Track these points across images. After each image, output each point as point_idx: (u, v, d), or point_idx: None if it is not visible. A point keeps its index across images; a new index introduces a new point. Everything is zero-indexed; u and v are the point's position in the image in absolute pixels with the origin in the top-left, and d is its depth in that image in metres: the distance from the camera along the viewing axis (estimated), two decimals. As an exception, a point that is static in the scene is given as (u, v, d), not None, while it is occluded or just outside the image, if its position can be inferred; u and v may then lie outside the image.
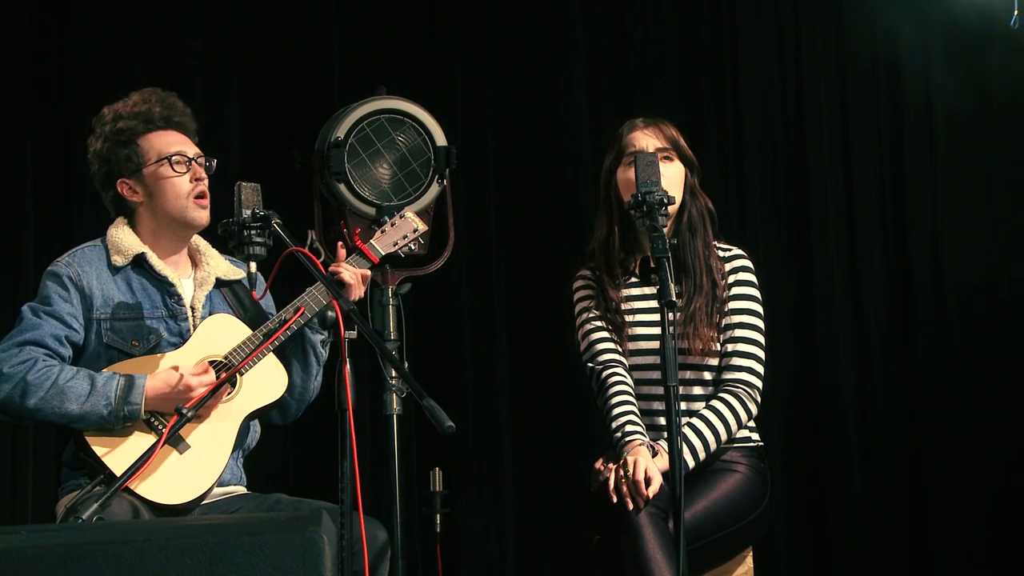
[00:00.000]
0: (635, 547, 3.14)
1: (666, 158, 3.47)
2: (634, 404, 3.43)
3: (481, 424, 4.76)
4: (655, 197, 3.02)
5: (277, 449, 4.47)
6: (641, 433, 3.37)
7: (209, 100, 4.69)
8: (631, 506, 3.17)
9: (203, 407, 3.03)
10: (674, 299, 2.94)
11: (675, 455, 2.90)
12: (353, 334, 2.79)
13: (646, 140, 3.48)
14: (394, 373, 3.85)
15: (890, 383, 4.76)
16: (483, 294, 4.86)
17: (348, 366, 2.73)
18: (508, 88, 4.90)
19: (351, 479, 2.66)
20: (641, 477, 3.18)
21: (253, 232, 2.89)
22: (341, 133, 4.12)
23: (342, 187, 4.08)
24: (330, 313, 2.81)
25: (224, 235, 2.95)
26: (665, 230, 3.34)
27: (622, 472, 3.21)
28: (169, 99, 3.33)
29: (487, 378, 4.81)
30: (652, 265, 3.02)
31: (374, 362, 4.11)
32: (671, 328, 2.92)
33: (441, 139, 4.20)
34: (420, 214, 4.17)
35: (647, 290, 3.52)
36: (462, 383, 4.82)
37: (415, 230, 3.45)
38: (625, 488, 3.18)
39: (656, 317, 3.45)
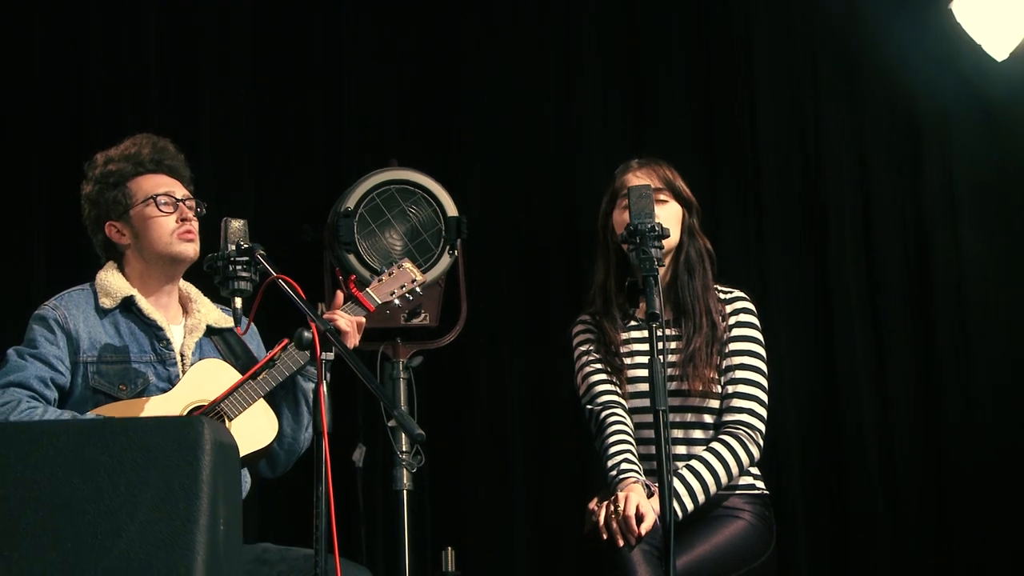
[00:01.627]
0: None
1: (661, 200, 3.41)
2: (631, 444, 3.34)
3: (496, 503, 4.63)
4: (646, 226, 2.94)
5: (268, 500, 4.36)
6: (636, 471, 3.27)
7: (221, 176, 4.68)
8: (621, 543, 3.07)
9: None
10: (657, 311, 2.85)
11: (665, 482, 2.80)
12: (330, 355, 2.72)
13: (640, 182, 3.40)
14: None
15: (916, 428, 4.58)
16: (499, 368, 4.75)
17: (324, 388, 2.66)
18: (522, 156, 4.83)
19: (326, 504, 2.57)
20: (632, 513, 3.09)
21: (239, 267, 2.82)
22: (351, 203, 4.10)
23: (351, 257, 4.04)
24: (306, 334, 2.72)
25: (209, 271, 2.89)
26: (662, 270, 3.31)
27: (612, 508, 3.11)
28: (160, 143, 3.32)
29: (504, 456, 4.69)
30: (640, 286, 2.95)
31: (386, 437, 4.05)
32: (659, 348, 2.85)
33: (452, 209, 4.15)
34: (431, 286, 4.15)
35: (645, 333, 3.44)
36: (477, 460, 4.70)
37: (413, 280, 3.39)
38: (615, 524, 3.08)
39: None
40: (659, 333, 2.87)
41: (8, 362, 3.08)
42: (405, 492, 4.03)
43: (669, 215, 3.41)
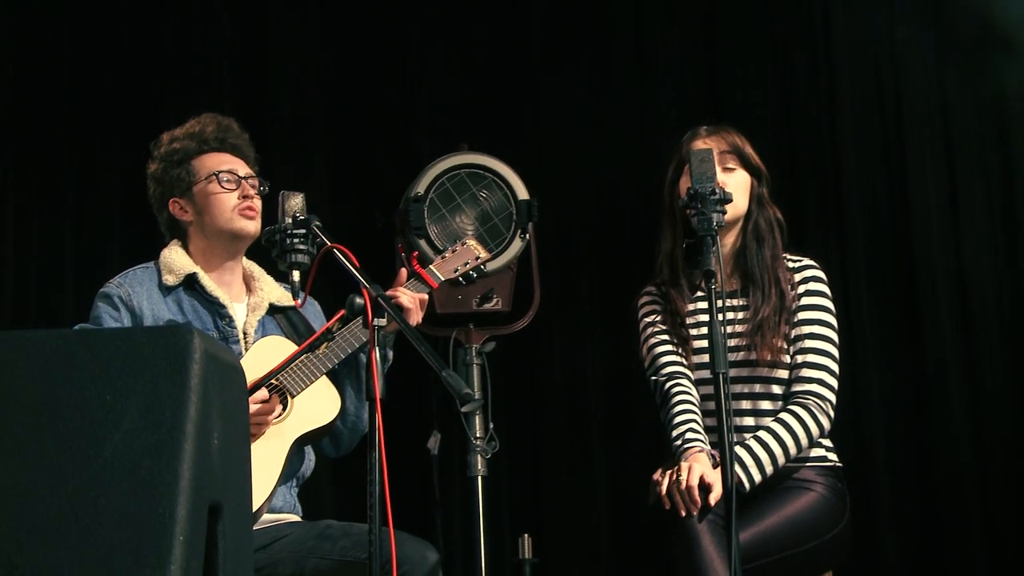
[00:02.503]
0: (691, 554, 2.97)
1: (729, 168, 3.34)
2: (697, 414, 3.27)
3: (576, 489, 4.58)
4: (707, 189, 2.85)
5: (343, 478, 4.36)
6: (701, 441, 3.20)
7: (297, 163, 4.68)
8: (683, 513, 3.01)
9: (258, 427, 2.97)
10: (713, 269, 2.76)
11: (726, 446, 2.71)
12: (383, 322, 2.67)
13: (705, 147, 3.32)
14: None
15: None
16: (575, 352, 4.69)
17: (377, 354, 2.60)
18: (597, 140, 4.76)
19: (379, 473, 2.53)
20: (695, 483, 3.02)
21: (296, 240, 2.77)
22: (421, 188, 4.08)
23: (422, 243, 4.02)
24: (358, 300, 2.69)
25: (267, 245, 2.86)
26: (730, 239, 3.27)
27: (675, 478, 3.05)
28: (225, 122, 3.34)
29: (582, 441, 4.63)
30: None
31: (460, 425, 4.02)
32: (719, 305, 2.76)
33: (523, 192, 4.11)
34: (502, 271, 4.11)
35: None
36: (555, 446, 4.65)
37: (477, 257, 3.37)
38: (677, 495, 3.02)
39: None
40: (716, 290, 2.79)
41: None
42: (480, 478, 4.00)
43: (737, 183, 3.34)
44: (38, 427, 1.77)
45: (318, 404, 3.10)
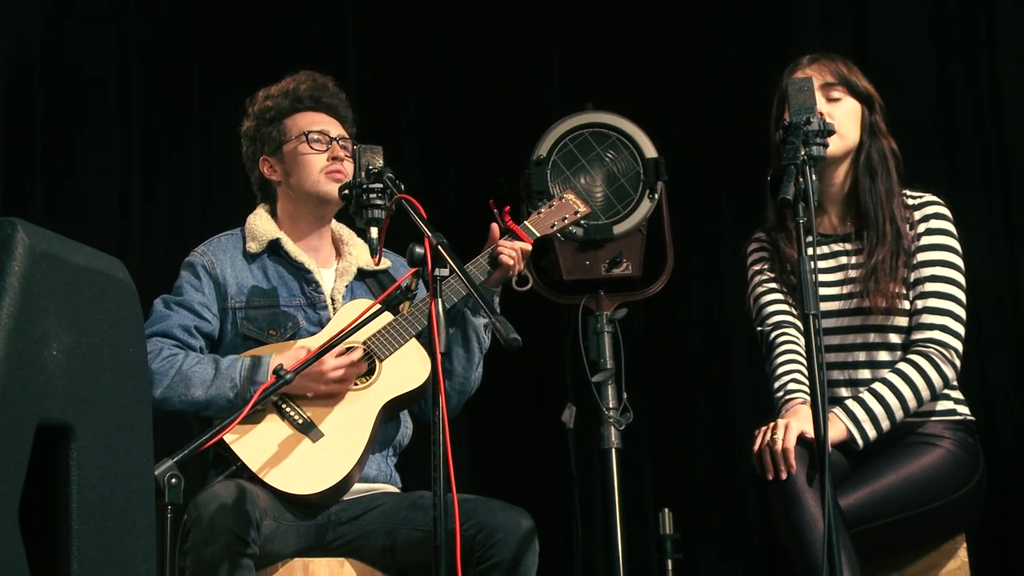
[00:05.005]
0: (792, 514, 2.72)
1: (834, 98, 3.07)
2: (802, 364, 3.02)
3: (719, 458, 4.36)
4: (802, 119, 2.59)
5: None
6: (804, 392, 2.95)
7: (423, 130, 4.58)
8: (771, 476, 2.76)
9: (340, 395, 2.89)
10: (789, 197, 2.49)
11: (819, 395, 2.44)
12: (444, 272, 2.52)
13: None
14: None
15: None
16: (714, 316, 4.46)
17: (438, 306, 2.45)
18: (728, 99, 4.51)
19: (442, 431, 2.37)
20: (792, 444, 2.77)
21: (372, 195, 2.64)
22: (543, 151, 3.92)
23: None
24: (418, 249, 2.54)
25: (345, 201, 2.74)
26: (839, 174, 3.06)
27: (768, 436, 2.81)
28: (321, 80, 3.24)
29: (723, 410, 4.41)
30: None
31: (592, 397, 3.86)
32: (807, 239, 2.50)
33: (650, 151, 3.91)
34: (631, 233, 3.92)
35: (824, 249, 3.13)
36: (696, 416, 4.44)
37: (576, 212, 3.22)
38: (767, 457, 2.78)
39: (835, 277, 3.10)
40: (803, 222, 2.52)
41: (153, 312, 3.05)
42: (614, 451, 3.82)
43: (845, 113, 3.07)
44: None
45: (408, 368, 2.97)
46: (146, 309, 3.04)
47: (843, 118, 3.04)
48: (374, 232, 2.64)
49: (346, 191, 2.70)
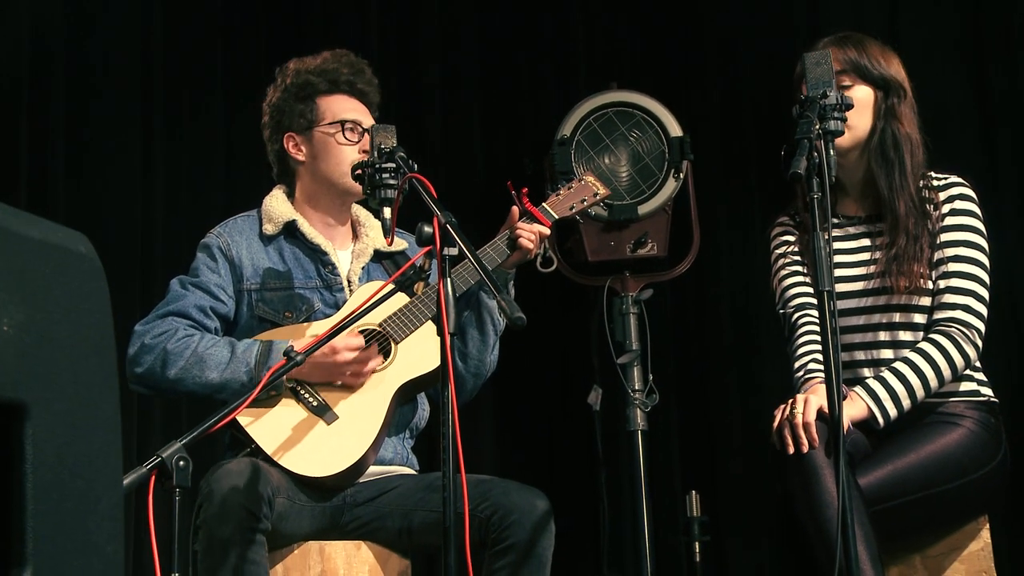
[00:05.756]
0: (810, 491, 2.67)
1: (844, 86, 3.00)
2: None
3: (748, 440, 4.31)
4: (818, 93, 2.52)
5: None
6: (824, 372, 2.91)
7: (447, 109, 4.55)
8: (791, 450, 2.72)
9: (356, 377, 2.86)
10: (800, 171, 2.42)
11: (833, 373, 2.40)
12: (453, 251, 2.47)
13: None
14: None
15: None
16: (742, 297, 4.40)
17: (447, 285, 2.40)
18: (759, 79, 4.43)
19: (451, 411, 2.33)
20: (812, 418, 2.73)
21: (385, 174, 2.61)
22: (567, 130, 3.89)
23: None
24: (426, 228, 2.50)
25: (357, 180, 2.71)
26: (856, 160, 3.02)
27: (787, 412, 2.77)
28: (359, 65, 3.21)
29: (752, 391, 4.35)
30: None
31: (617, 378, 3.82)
32: (823, 216, 2.44)
33: (675, 129, 3.87)
34: (656, 213, 3.88)
35: (849, 230, 3.10)
36: (723, 397, 4.39)
37: (595, 194, 3.17)
38: (787, 432, 2.74)
39: (859, 258, 3.06)
40: (816, 195, 2.46)
41: (170, 291, 3.04)
42: (639, 433, 3.80)
43: (856, 100, 2.99)
44: None
45: (424, 350, 2.93)
46: (166, 285, 3.07)
47: (855, 106, 2.96)
48: (387, 212, 2.61)
49: (359, 171, 2.68)
